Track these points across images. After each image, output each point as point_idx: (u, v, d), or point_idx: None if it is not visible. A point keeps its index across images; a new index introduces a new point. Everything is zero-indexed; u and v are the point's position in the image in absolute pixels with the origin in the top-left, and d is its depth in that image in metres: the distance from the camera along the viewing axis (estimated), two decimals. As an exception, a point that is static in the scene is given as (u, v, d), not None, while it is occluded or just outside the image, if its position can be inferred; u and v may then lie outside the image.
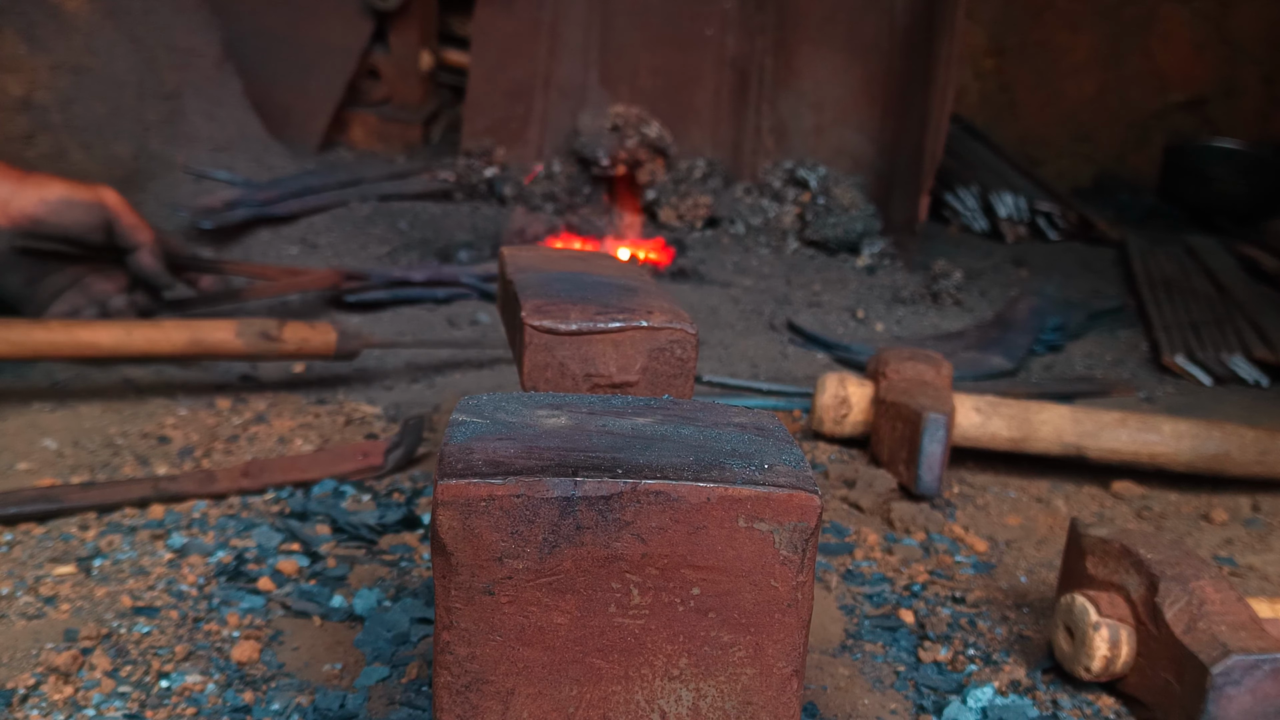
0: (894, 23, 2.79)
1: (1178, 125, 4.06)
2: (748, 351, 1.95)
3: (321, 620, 0.99)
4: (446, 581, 0.66)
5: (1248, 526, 1.41)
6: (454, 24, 3.18)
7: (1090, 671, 0.96)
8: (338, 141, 3.01)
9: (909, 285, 2.47)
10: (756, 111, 2.90)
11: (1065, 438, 1.44)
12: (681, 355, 0.97)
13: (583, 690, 0.68)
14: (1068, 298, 2.48)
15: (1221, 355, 2.09)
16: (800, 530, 0.66)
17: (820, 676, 0.97)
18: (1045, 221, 3.17)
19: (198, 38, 2.50)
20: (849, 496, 1.36)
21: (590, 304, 0.98)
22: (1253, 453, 1.47)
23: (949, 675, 1.00)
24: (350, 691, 0.89)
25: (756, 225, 2.75)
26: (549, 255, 1.20)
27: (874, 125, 2.86)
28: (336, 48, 2.97)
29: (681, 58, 2.87)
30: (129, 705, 0.85)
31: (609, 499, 0.65)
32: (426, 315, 1.94)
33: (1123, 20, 3.98)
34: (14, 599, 0.98)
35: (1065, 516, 1.39)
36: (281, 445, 1.36)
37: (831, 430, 1.50)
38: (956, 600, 1.14)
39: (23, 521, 1.11)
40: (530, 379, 0.95)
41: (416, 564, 1.10)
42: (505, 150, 2.76)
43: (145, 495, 1.17)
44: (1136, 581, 0.96)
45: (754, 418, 0.77)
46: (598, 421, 0.73)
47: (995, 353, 1.99)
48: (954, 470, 1.48)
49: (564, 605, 0.66)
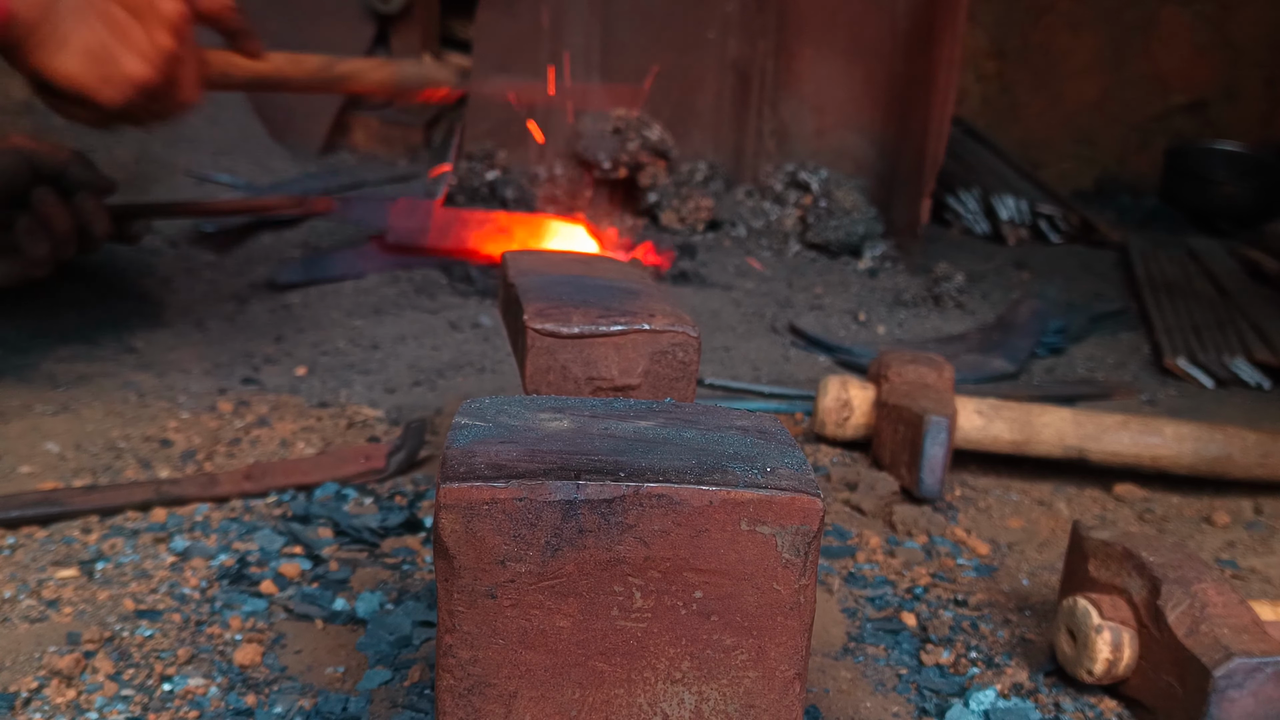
0: (895, 25, 2.80)
1: (1179, 128, 4.06)
2: (749, 354, 1.95)
3: (324, 623, 0.99)
4: (449, 585, 0.66)
5: (1250, 529, 1.41)
6: (456, 27, 3.18)
7: (1092, 674, 0.96)
8: (340, 145, 3.01)
9: (911, 288, 2.47)
10: (758, 114, 2.90)
11: (1067, 440, 1.44)
12: (683, 358, 0.98)
13: (585, 693, 0.68)
14: (1069, 300, 2.48)
15: (1223, 358, 2.09)
16: (803, 533, 0.66)
17: (822, 679, 0.97)
18: (1047, 224, 3.17)
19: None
20: (851, 499, 1.36)
21: (592, 307, 0.98)
22: (1255, 455, 1.47)
23: (951, 678, 1.00)
24: (352, 694, 0.89)
25: (758, 228, 2.75)
26: (551, 258, 1.20)
27: (876, 128, 2.86)
28: (338, 50, 2.95)
29: (683, 61, 2.87)
30: (131, 708, 0.85)
31: (611, 502, 0.65)
32: (428, 319, 1.94)
33: (1124, 23, 3.98)
34: (16, 602, 0.98)
35: (1067, 519, 1.39)
36: (283, 448, 1.36)
37: (833, 433, 1.50)
38: (959, 603, 1.14)
39: (25, 525, 1.11)
40: (532, 382, 0.95)
41: (419, 567, 1.10)
42: (507, 153, 2.76)
43: (147, 498, 1.17)
44: (1139, 584, 0.96)
45: (756, 421, 0.77)
46: (600, 425, 0.73)
47: (997, 355, 1.99)
48: (956, 473, 1.48)
49: (566, 608, 0.66)
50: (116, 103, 1.27)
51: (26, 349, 1.58)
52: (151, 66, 1.28)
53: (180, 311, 1.84)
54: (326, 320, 1.89)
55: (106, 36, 1.24)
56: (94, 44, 1.23)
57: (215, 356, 1.67)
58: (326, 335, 1.82)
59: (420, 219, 2.16)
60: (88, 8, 1.22)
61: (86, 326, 1.68)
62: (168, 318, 1.81)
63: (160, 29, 1.28)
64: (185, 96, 1.36)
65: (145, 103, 1.30)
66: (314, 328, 1.85)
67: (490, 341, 1.86)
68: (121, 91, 1.26)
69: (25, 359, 1.55)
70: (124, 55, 1.25)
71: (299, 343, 1.77)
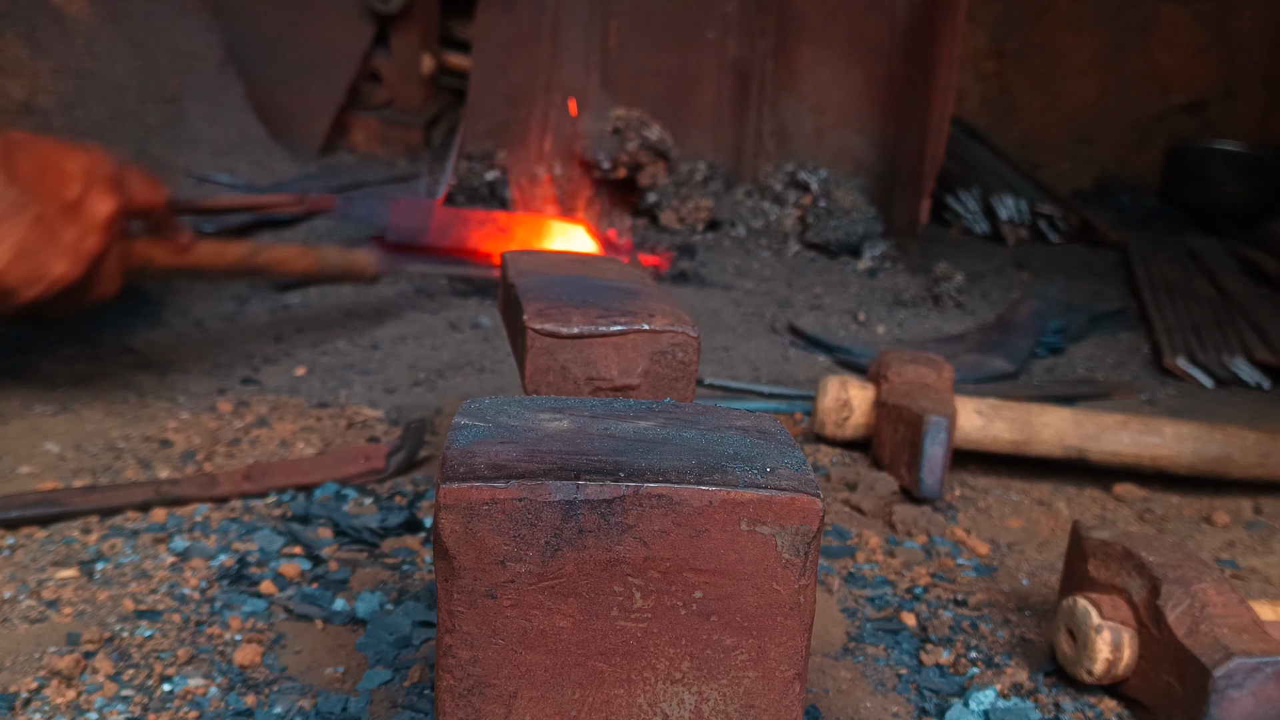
0: (895, 25, 2.80)
1: (1179, 127, 4.06)
2: (749, 354, 1.95)
3: (324, 623, 0.99)
4: (449, 585, 0.66)
5: (1249, 529, 1.41)
6: (455, 27, 3.18)
7: (1092, 674, 0.96)
8: (339, 145, 3.01)
9: (910, 288, 2.47)
10: (757, 114, 2.90)
11: (1067, 440, 1.44)
12: (683, 358, 0.98)
13: (585, 693, 0.68)
14: (1069, 300, 2.48)
15: (1223, 358, 2.09)
16: (802, 533, 0.66)
17: (822, 680, 0.97)
18: (1046, 224, 3.17)
19: (199, 41, 2.50)
20: (851, 499, 1.36)
21: (592, 307, 0.98)
22: (1254, 455, 1.47)
23: (951, 678, 1.00)
24: (352, 695, 0.89)
25: (758, 228, 2.75)
26: (550, 258, 1.20)
27: (875, 128, 2.86)
28: (338, 51, 2.97)
29: (682, 61, 2.87)
30: (131, 709, 0.85)
31: (611, 502, 0.65)
32: (428, 319, 1.94)
33: (1123, 23, 3.98)
34: (16, 602, 0.98)
35: (1067, 519, 1.39)
36: (283, 449, 1.36)
37: (833, 433, 1.50)
38: (958, 603, 1.14)
39: (25, 525, 1.11)
40: (532, 382, 0.95)
41: (418, 567, 1.10)
42: (507, 153, 2.76)
43: (147, 499, 1.17)
44: (1138, 584, 0.96)
45: (756, 421, 0.77)
46: (600, 425, 0.73)
47: (997, 355, 1.99)
48: (956, 473, 1.48)
49: (566, 609, 0.66)
50: (33, 300, 1.25)
51: (26, 349, 1.58)
52: (76, 266, 1.26)
53: (180, 311, 1.84)
54: (326, 320, 1.89)
55: (37, 236, 1.22)
56: (25, 244, 1.21)
57: (215, 356, 1.67)
58: (326, 335, 1.82)
59: (420, 218, 2.17)
60: (22, 207, 1.21)
61: (86, 326, 1.68)
62: (167, 318, 1.81)
63: (91, 230, 1.27)
64: (103, 290, 1.34)
65: (58, 298, 1.29)
66: (314, 328, 1.85)
67: (490, 341, 1.86)
68: (42, 289, 1.25)
69: (25, 359, 1.55)
70: (51, 256, 1.24)
71: (299, 343, 1.77)
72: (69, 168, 1.25)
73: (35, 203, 1.22)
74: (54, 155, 1.26)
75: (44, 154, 1.25)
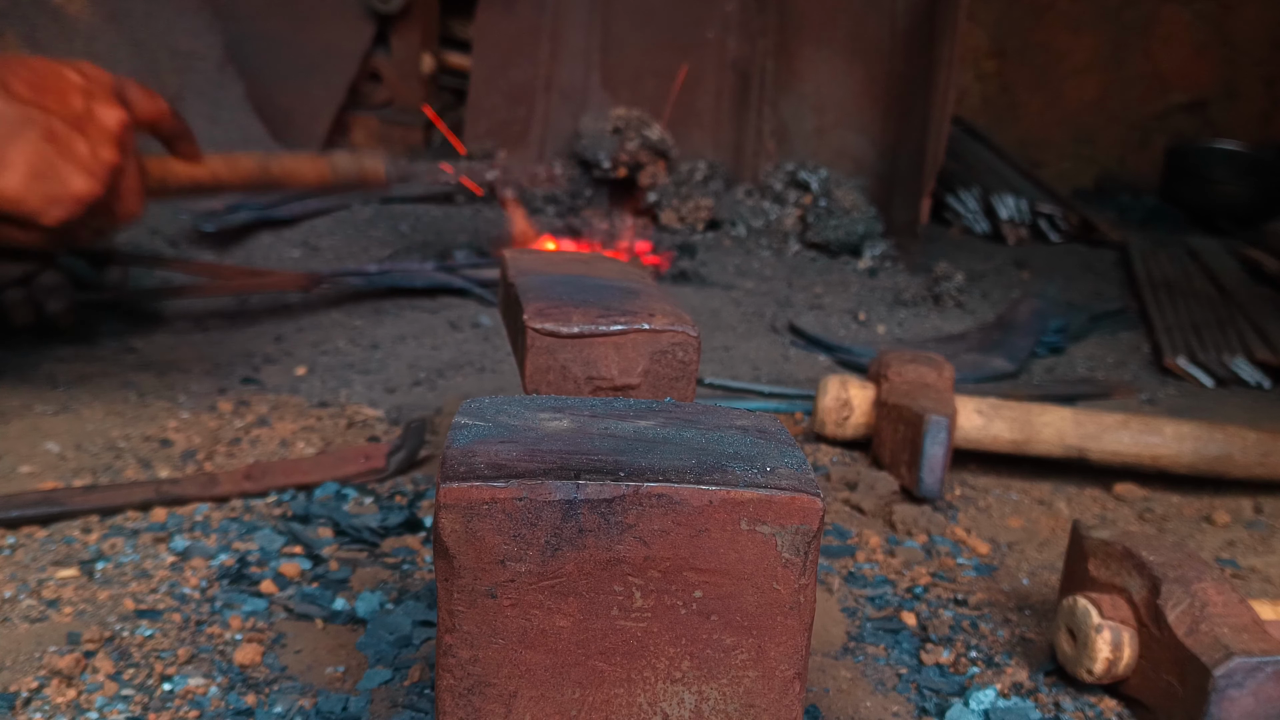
0: (895, 25, 2.80)
1: (1179, 127, 4.06)
2: (749, 354, 1.95)
3: (324, 623, 0.99)
4: (449, 584, 0.66)
5: (1250, 529, 1.41)
6: (455, 27, 3.18)
7: (1092, 674, 0.96)
8: (339, 144, 3.01)
9: (910, 287, 2.47)
10: (758, 114, 2.90)
11: (1067, 440, 1.44)
12: (683, 358, 0.97)
13: (585, 693, 0.68)
14: (1069, 300, 2.48)
15: (1223, 357, 2.09)
16: (802, 533, 0.66)
17: (822, 679, 0.97)
18: (1047, 223, 3.17)
19: (199, 41, 2.50)
20: (851, 499, 1.36)
21: (592, 307, 0.98)
22: (1255, 455, 1.47)
23: (951, 678, 1.00)
24: (353, 694, 0.89)
25: (758, 227, 2.75)
26: (551, 258, 1.20)
27: (875, 127, 2.86)
28: (338, 51, 2.97)
29: (683, 60, 2.87)
30: (132, 708, 0.85)
31: (611, 502, 0.65)
32: (428, 319, 1.94)
33: (1124, 22, 3.98)
34: (16, 602, 0.98)
35: (1067, 519, 1.39)
36: (283, 448, 1.36)
37: (833, 433, 1.50)
38: (959, 602, 1.14)
39: (25, 525, 1.11)
40: (532, 381, 0.95)
41: (419, 567, 1.10)
42: (507, 153, 2.76)
43: (147, 498, 1.17)
44: (1139, 584, 0.96)
45: (756, 420, 0.77)
46: (600, 424, 0.73)
47: (997, 355, 1.99)
48: (956, 472, 1.48)
49: (566, 608, 0.66)
50: (60, 222, 1.19)
51: (26, 349, 1.58)
52: (96, 181, 1.20)
53: (180, 311, 1.84)
54: (326, 320, 1.89)
55: (50, 153, 1.16)
56: (37, 161, 1.15)
57: (215, 356, 1.67)
58: (326, 335, 1.82)
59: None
60: (27, 123, 1.15)
61: (86, 327, 1.68)
62: (167, 318, 1.81)
63: (103, 141, 1.21)
64: (128, 209, 1.29)
65: (87, 219, 1.23)
66: (314, 328, 1.85)
67: (490, 341, 1.86)
68: (67, 210, 1.19)
69: (25, 359, 1.55)
70: (68, 171, 1.17)
71: (299, 343, 1.77)
72: (68, 81, 1.19)
73: (41, 118, 1.16)
74: (50, 70, 1.19)
75: (39, 70, 1.19)
